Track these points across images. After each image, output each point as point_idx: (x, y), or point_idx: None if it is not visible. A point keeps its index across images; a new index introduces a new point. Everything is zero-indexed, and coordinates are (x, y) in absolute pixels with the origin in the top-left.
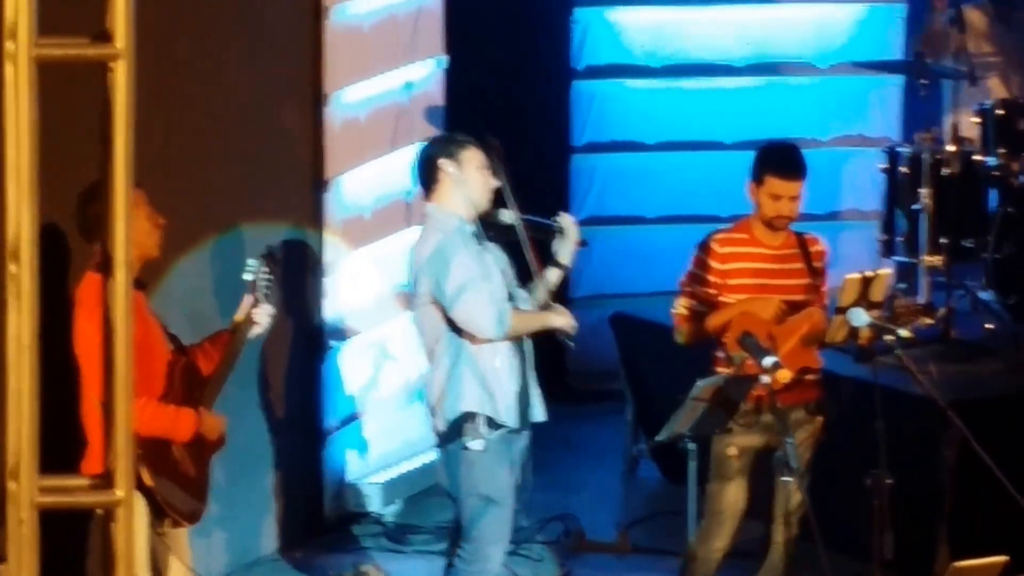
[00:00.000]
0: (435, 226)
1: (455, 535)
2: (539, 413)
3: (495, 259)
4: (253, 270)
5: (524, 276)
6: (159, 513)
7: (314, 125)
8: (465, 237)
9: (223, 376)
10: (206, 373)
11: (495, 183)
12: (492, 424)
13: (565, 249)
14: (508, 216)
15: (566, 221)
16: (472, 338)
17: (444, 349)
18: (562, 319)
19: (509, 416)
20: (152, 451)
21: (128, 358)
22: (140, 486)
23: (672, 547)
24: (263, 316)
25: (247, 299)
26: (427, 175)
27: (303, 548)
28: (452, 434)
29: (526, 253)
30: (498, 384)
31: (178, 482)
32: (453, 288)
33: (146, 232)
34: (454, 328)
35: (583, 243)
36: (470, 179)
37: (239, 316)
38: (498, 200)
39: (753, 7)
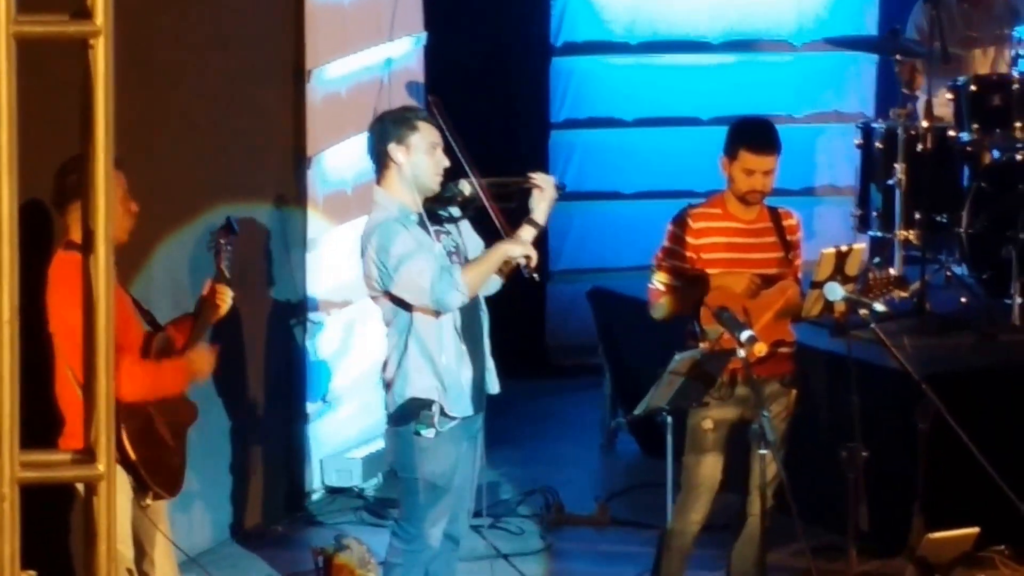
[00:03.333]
0: (379, 210)
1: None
2: (493, 386)
3: (452, 242)
4: (211, 243)
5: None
6: (143, 487)
7: (295, 101)
8: (407, 221)
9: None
10: (179, 348)
11: (445, 162)
12: (444, 414)
13: (541, 206)
14: (466, 186)
15: (540, 177)
16: (423, 320)
17: (395, 330)
18: (518, 247)
19: (459, 407)
20: (135, 424)
21: (109, 333)
22: (124, 460)
23: (650, 519)
24: (224, 298)
25: (208, 280)
26: (376, 159)
27: (285, 522)
28: (402, 418)
29: (493, 217)
30: (448, 373)
31: (160, 455)
32: (392, 264)
33: (118, 216)
34: (405, 308)
35: (561, 187)
36: (419, 164)
37: (202, 294)
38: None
39: None
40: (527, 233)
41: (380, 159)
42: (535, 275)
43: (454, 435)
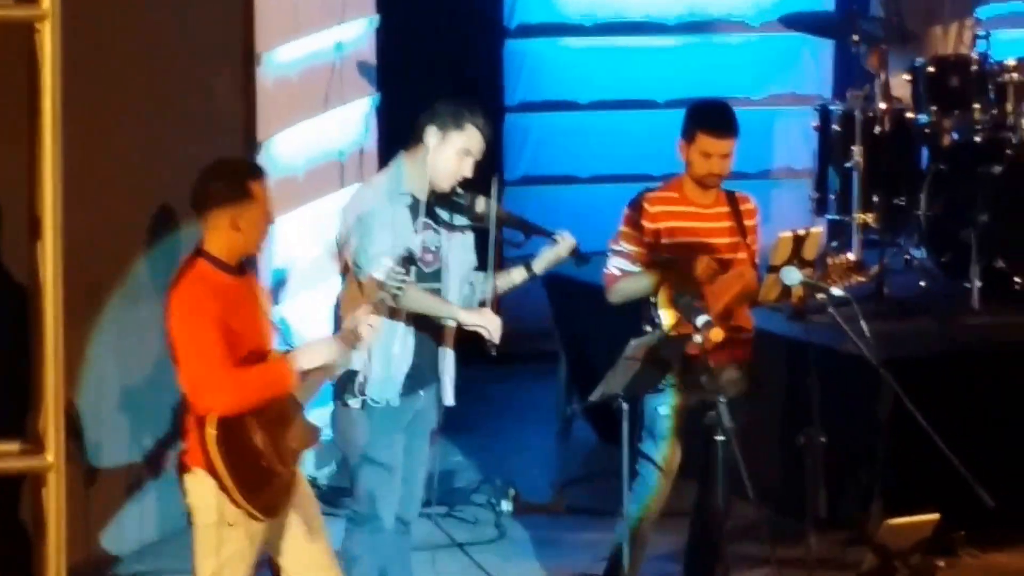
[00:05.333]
0: (380, 180)
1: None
2: (447, 397)
3: (435, 242)
4: (386, 271)
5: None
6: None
7: (246, 85)
8: (396, 198)
9: (318, 377)
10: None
11: (468, 172)
12: (363, 392)
13: (547, 258)
14: (481, 203)
15: (564, 236)
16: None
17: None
18: (472, 318)
19: (379, 390)
20: (233, 443)
21: (57, 322)
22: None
23: (607, 507)
24: (367, 328)
25: (364, 306)
26: (414, 130)
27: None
28: (338, 389)
29: (489, 247)
30: (381, 353)
31: (259, 476)
32: (352, 222)
33: (261, 226)
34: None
35: (579, 255)
36: (442, 158)
37: (350, 323)
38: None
39: None
40: (517, 274)
41: (416, 132)
42: (494, 350)
43: (388, 415)
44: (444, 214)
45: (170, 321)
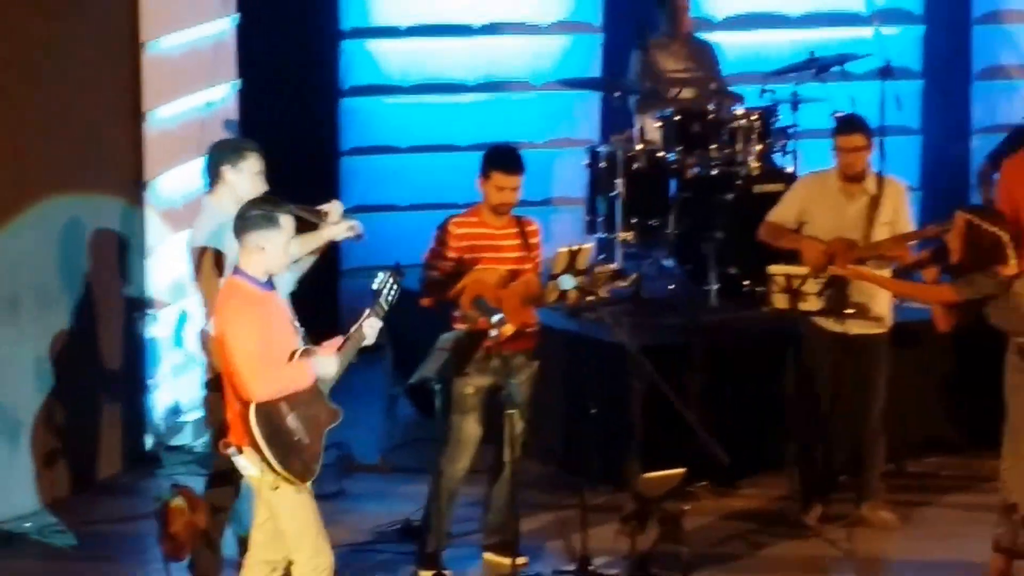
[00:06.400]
0: (207, 217)
1: None
2: None
3: None
4: (381, 281)
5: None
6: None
7: (135, 137)
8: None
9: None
10: None
11: (265, 187)
12: None
13: (330, 230)
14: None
15: (333, 206)
16: None
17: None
18: (338, 228)
19: None
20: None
21: None
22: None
23: (425, 467)
24: (371, 329)
25: (367, 311)
26: (211, 175)
27: (131, 474)
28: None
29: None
30: None
31: (292, 444)
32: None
33: (284, 250)
34: None
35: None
36: (243, 184)
37: (360, 322)
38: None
39: (483, 38)
40: (318, 238)
41: (213, 175)
42: (359, 238)
43: None
44: None
45: (218, 328)
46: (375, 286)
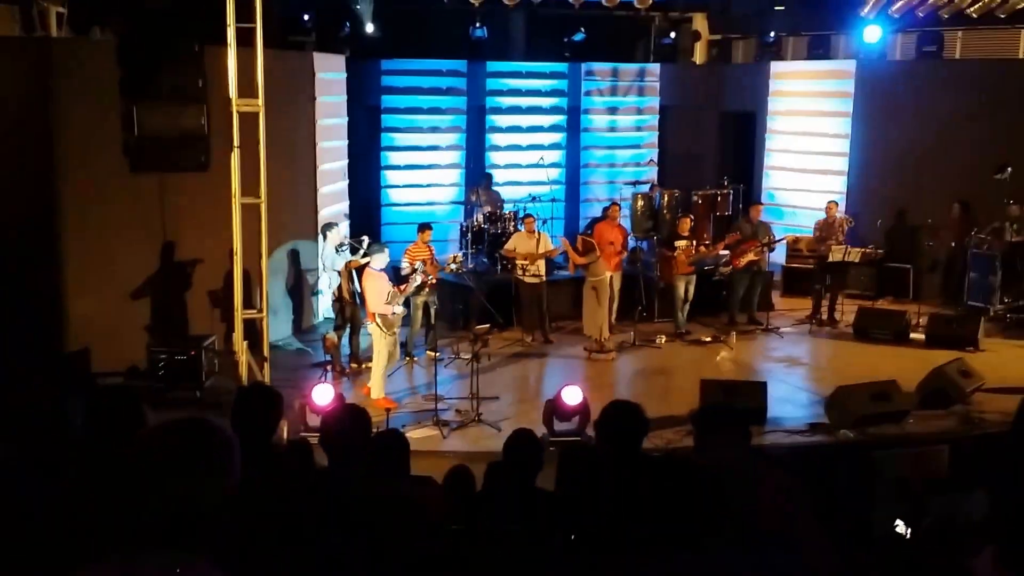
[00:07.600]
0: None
1: None
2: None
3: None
4: (420, 268)
5: None
6: None
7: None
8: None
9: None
10: None
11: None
12: None
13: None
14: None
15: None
16: None
17: None
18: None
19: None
20: None
21: None
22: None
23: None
24: (413, 285)
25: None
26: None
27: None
28: None
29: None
30: None
31: None
32: None
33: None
34: None
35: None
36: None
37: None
38: None
39: None
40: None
41: None
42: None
43: None
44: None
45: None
46: (405, 271)
